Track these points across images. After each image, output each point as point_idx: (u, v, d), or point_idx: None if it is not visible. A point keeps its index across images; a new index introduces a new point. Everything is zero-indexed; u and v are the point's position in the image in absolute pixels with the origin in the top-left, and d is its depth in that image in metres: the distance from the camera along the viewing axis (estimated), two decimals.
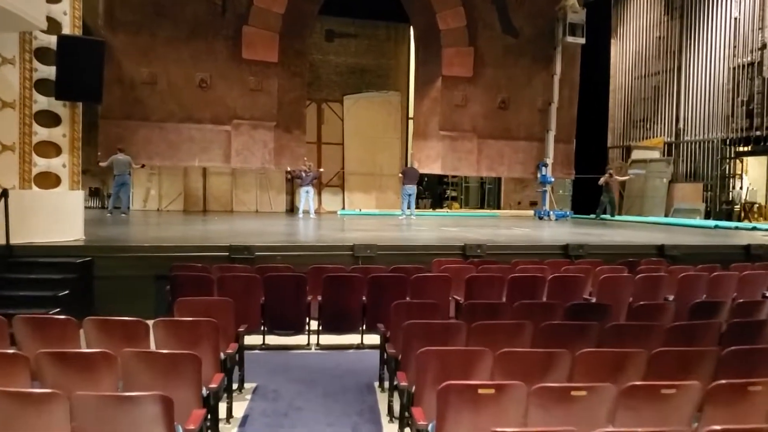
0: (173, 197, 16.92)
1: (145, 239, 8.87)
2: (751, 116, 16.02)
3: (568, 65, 17.17)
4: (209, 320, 3.87)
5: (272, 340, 5.75)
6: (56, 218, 7.32)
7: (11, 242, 6.67)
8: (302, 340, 5.80)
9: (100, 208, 16.80)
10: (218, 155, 15.42)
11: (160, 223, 12.66)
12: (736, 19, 16.50)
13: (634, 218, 16.84)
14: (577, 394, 2.77)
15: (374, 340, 5.35)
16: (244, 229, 10.91)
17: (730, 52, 16.73)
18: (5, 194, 6.57)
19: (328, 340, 5.83)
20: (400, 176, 15.73)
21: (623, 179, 17.59)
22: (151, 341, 3.83)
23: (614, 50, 20.53)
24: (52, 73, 7.15)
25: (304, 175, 14.40)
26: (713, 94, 17.35)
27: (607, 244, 9.12)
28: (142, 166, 14.78)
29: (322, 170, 16.10)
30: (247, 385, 4.76)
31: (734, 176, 17.49)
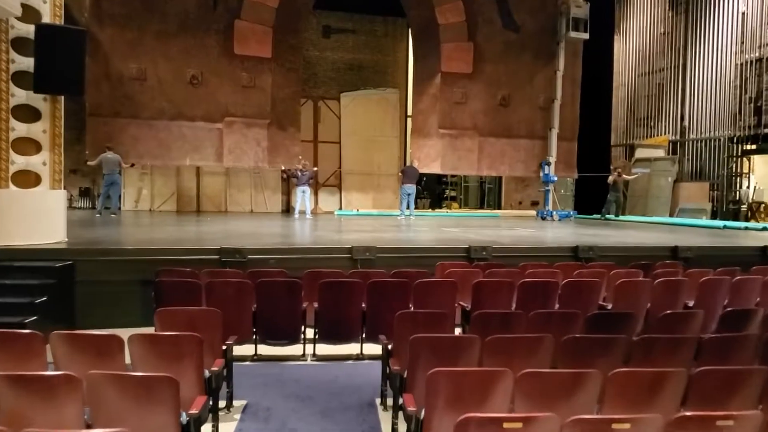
0: (166, 197, 16.61)
1: (131, 241, 8.52)
2: (759, 113, 15.76)
3: (570, 62, 16.89)
4: (191, 335, 3.48)
5: (265, 350, 5.37)
6: (36, 219, 6.92)
7: None
8: (297, 350, 5.43)
9: (90, 208, 16.52)
10: (210, 154, 15.05)
11: (150, 224, 12.28)
12: (743, 13, 16.23)
13: (638, 218, 16.55)
14: (619, 427, 2.39)
15: (375, 350, 5.01)
16: (237, 230, 10.54)
17: (737, 47, 16.47)
18: None
19: (325, 350, 5.44)
20: (399, 175, 15.48)
21: (630, 178, 17.27)
22: (127, 358, 3.43)
23: (617, 47, 20.25)
24: (31, 64, 6.72)
25: (299, 174, 14.10)
26: (720, 91, 17.10)
27: (617, 245, 8.73)
28: (131, 165, 14.47)
29: (316, 169, 15.77)
30: (236, 402, 4.36)
31: (741, 175, 17.20)
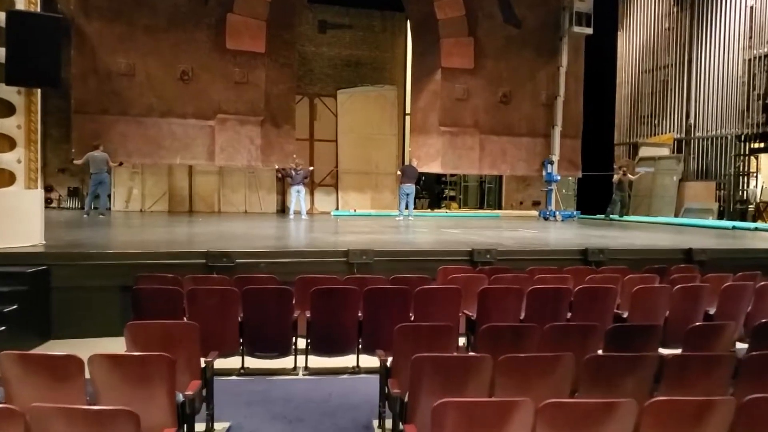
0: (157, 197, 16.20)
1: (114, 244, 8.08)
2: (767, 111, 15.33)
3: (572, 58, 16.46)
4: (161, 355, 3.03)
5: (253, 362, 4.93)
6: (9, 221, 6.50)
7: None
8: (288, 362, 4.99)
9: (79, 208, 16.04)
10: (201, 152, 14.57)
11: (138, 225, 11.85)
12: (752, 7, 15.82)
13: (643, 218, 16.18)
14: None
15: (372, 362, 4.58)
16: (228, 232, 10.10)
17: (745, 43, 16.07)
18: None
19: (318, 362, 5.01)
20: (398, 174, 15.09)
21: (634, 178, 16.88)
22: (86, 382, 2.98)
23: (621, 43, 19.85)
24: (2, 55, 6.28)
25: (294, 173, 13.69)
26: (727, 87, 16.71)
27: (628, 248, 8.30)
28: (120, 164, 14.03)
29: (311, 168, 15.36)
30: (217, 425, 3.91)
31: (748, 174, 16.81)
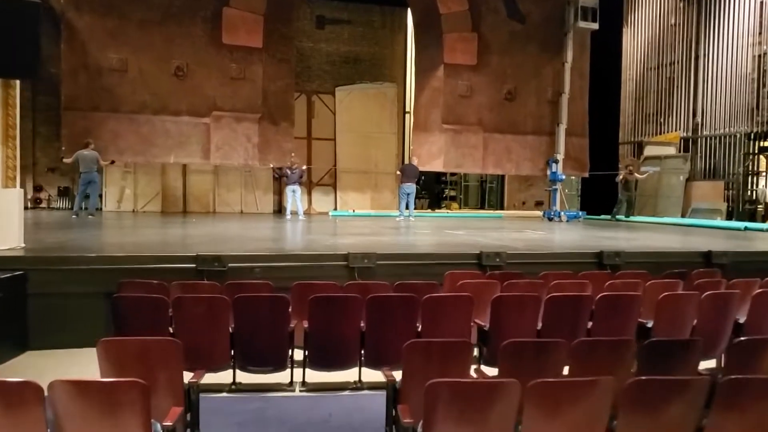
0: (150, 197, 15.81)
1: (100, 246, 7.65)
2: None
3: (577, 54, 16.17)
4: (134, 381, 2.60)
5: (245, 377, 4.51)
6: None
7: None
8: (284, 377, 4.58)
9: (69, 209, 15.63)
10: (196, 151, 14.20)
11: (129, 226, 11.47)
12: (761, 2, 15.45)
13: (650, 219, 15.83)
14: None
15: (375, 376, 4.22)
16: (222, 233, 9.69)
17: (754, 38, 15.67)
18: None
19: (316, 377, 4.60)
20: (398, 174, 14.72)
21: (640, 177, 16.51)
22: (47, 411, 2.56)
23: (626, 39, 19.47)
24: None
25: (289, 172, 13.33)
26: (735, 84, 16.33)
27: (644, 250, 7.90)
28: (111, 162, 13.70)
29: (305, 167, 15.01)
30: None
31: (758, 173, 16.45)
